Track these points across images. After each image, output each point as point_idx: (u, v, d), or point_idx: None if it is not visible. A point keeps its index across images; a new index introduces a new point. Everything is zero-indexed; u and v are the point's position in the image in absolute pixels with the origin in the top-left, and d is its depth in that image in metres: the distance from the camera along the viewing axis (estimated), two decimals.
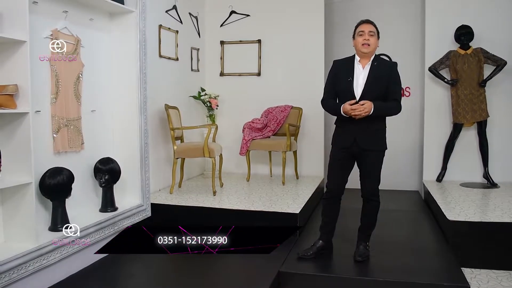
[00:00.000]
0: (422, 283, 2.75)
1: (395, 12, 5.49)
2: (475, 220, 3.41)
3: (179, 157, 4.41)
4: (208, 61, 5.76)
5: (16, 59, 2.49)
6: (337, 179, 3.11)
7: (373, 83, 2.94)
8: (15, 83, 2.49)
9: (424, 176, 5.23)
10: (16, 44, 2.48)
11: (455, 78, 4.77)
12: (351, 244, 3.22)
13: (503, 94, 4.83)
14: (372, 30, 2.98)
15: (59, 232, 2.82)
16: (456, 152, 5.00)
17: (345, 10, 5.85)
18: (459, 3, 4.96)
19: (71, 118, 3.13)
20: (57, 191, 2.81)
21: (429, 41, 5.10)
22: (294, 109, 5.36)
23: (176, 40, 4.88)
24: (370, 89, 2.93)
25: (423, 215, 4.44)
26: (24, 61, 2.49)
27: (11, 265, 2.36)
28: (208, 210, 3.87)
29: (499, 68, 4.61)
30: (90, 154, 3.35)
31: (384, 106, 2.94)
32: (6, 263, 2.33)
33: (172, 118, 4.40)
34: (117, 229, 3.35)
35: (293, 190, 4.62)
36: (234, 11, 5.64)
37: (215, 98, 5.40)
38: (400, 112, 3.06)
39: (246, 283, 2.82)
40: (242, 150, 5.13)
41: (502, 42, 4.76)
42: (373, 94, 2.91)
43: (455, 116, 4.80)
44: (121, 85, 3.58)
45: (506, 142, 4.88)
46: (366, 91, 2.93)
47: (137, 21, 3.55)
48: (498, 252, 3.28)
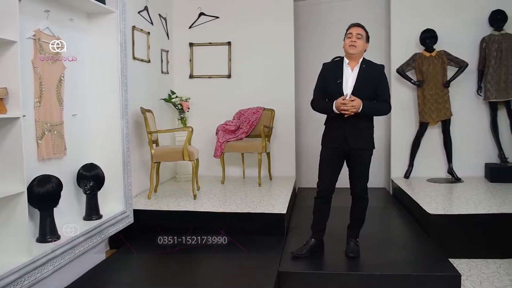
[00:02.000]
0: (417, 274, 2.87)
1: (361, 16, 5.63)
2: (453, 213, 3.61)
3: (157, 161, 4.32)
4: (177, 63, 5.68)
5: (5, 61, 2.34)
6: (328, 178, 3.16)
7: (362, 84, 3.02)
8: (4, 86, 2.34)
9: (392, 173, 5.45)
10: (5, 44, 2.33)
11: (421, 79, 5.01)
12: (341, 241, 3.30)
13: (464, 94, 5.14)
14: (360, 33, 3.05)
15: (48, 243, 2.68)
16: (421, 149, 5.25)
17: (311, 13, 5.99)
18: (422, 8, 5.22)
19: (55, 123, 2.97)
20: (46, 200, 2.67)
21: (395, 44, 5.33)
22: (267, 110, 5.40)
23: (148, 41, 4.78)
24: (359, 90, 3.00)
25: (395, 210, 4.61)
26: (14, 62, 2.35)
27: (7, 281, 2.21)
28: (193, 214, 3.82)
29: (462, 69, 4.90)
30: (73, 160, 3.21)
31: (373, 106, 3.03)
32: (2, 279, 2.18)
33: (148, 122, 4.29)
34: (104, 238, 3.24)
35: (271, 191, 4.65)
36: (203, 13, 5.60)
37: (186, 100, 5.33)
38: (389, 113, 3.17)
39: (250, 284, 2.80)
40: (216, 153, 5.10)
41: (463, 45, 5.06)
42: (362, 96, 2.98)
43: (422, 115, 5.04)
44: (102, 88, 3.45)
45: (468, 139, 5.18)
46: (355, 93, 2.99)
47: (118, 22, 3.44)
48: (476, 242, 3.50)
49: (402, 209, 4.62)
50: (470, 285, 2.97)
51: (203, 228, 3.76)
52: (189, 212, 3.84)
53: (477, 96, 5.12)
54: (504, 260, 3.40)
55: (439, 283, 2.82)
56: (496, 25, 4.87)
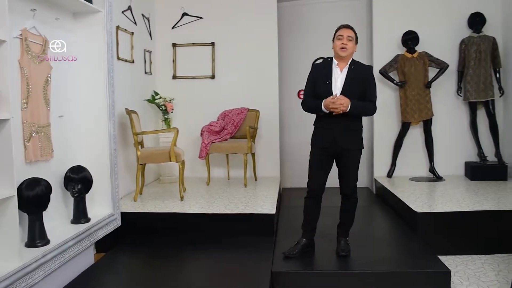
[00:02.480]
0: (408, 271, 2.93)
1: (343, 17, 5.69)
2: (439, 211, 3.69)
3: (143, 162, 4.26)
4: (160, 63, 5.62)
5: None
6: (318, 178, 3.18)
7: (351, 85, 3.05)
8: None
9: (375, 173, 5.53)
10: None
11: (403, 80, 5.10)
12: (331, 240, 3.33)
13: (444, 94, 5.27)
14: (351, 35, 3.08)
15: (38, 248, 2.61)
16: (404, 149, 5.35)
17: (293, 14, 6.02)
18: (403, 10, 5.33)
19: (42, 125, 2.90)
20: (35, 204, 2.59)
21: (377, 45, 5.41)
22: (251, 111, 5.40)
23: (132, 42, 4.71)
24: (348, 91, 3.03)
25: (379, 209, 4.69)
26: (4, 62, 2.28)
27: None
28: (182, 215, 3.78)
29: (443, 70, 5.02)
30: (60, 162, 3.13)
31: (361, 105, 3.05)
32: None
33: (134, 123, 4.23)
34: (93, 241, 3.18)
35: (258, 192, 4.66)
36: (186, 13, 5.56)
37: (170, 101, 5.28)
38: (375, 113, 3.21)
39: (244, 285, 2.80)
40: (201, 154, 5.07)
41: (443, 46, 5.18)
42: (351, 96, 3.01)
43: (404, 115, 5.14)
44: (88, 89, 3.39)
45: (448, 139, 5.31)
46: (344, 93, 3.02)
47: (105, 22, 3.38)
48: (461, 239, 3.59)
49: (386, 207, 4.70)
50: (458, 281, 3.04)
51: (193, 230, 3.74)
52: (178, 214, 3.80)
53: (457, 97, 5.25)
54: (488, 256, 3.50)
55: (429, 279, 2.89)
56: (474, 27, 5.01)
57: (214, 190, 4.78)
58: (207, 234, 3.70)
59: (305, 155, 5.88)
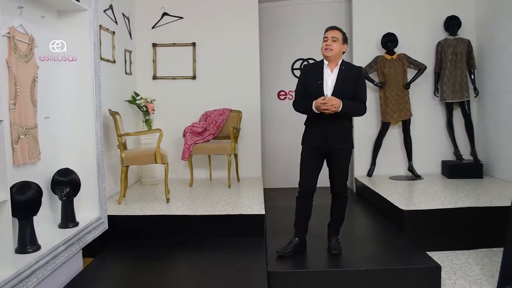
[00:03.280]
0: (399, 268, 2.99)
1: (323, 19, 5.78)
2: (424, 208, 3.79)
3: (128, 164, 4.18)
4: (140, 64, 5.53)
5: None
6: (309, 177, 3.21)
7: (341, 85, 3.09)
8: None
9: (355, 172, 5.62)
10: None
11: (383, 81, 5.21)
12: (322, 238, 3.37)
13: (422, 95, 5.41)
14: (335, 36, 3.11)
15: (29, 254, 2.52)
16: (383, 148, 5.46)
17: (274, 15, 6.06)
18: (383, 13, 5.45)
19: (29, 126, 2.80)
20: (27, 208, 2.51)
21: (356, 46, 5.51)
22: (233, 112, 5.39)
23: (113, 41, 4.62)
24: (339, 91, 3.07)
25: (361, 207, 4.79)
26: None
27: None
28: (171, 218, 3.73)
29: (421, 72, 5.17)
30: (47, 165, 3.03)
31: (352, 105, 3.10)
32: None
33: (118, 124, 4.15)
34: (82, 246, 3.10)
35: (243, 193, 4.65)
36: (166, 13, 5.50)
37: (151, 102, 5.20)
38: (365, 113, 3.27)
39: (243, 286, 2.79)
40: (184, 155, 5.02)
41: (420, 48, 5.33)
42: (342, 96, 3.05)
43: (384, 115, 5.25)
44: (74, 89, 3.29)
45: (425, 138, 5.46)
46: (335, 94, 3.06)
47: (91, 21, 3.30)
48: (445, 235, 3.70)
49: (368, 206, 4.79)
50: (446, 276, 3.13)
51: (182, 232, 3.70)
52: (167, 216, 3.75)
53: (434, 97, 5.41)
54: (471, 251, 3.63)
55: (420, 275, 2.96)
56: (450, 30, 5.17)
57: (198, 192, 4.74)
58: (197, 236, 3.67)
59: (285, 156, 6.03)
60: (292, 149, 5.18)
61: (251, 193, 4.61)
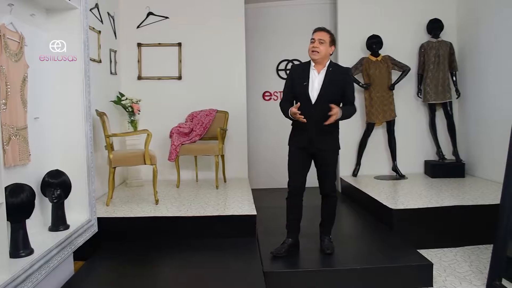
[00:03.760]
0: (392, 266, 3.06)
1: (308, 20, 5.82)
2: (412, 207, 3.86)
3: (116, 165, 4.12)
4: (124, 64, 5.46)
5: None
6: (298, 177, 3.22)
7: (328, 87, 3.10)
8: None
9: (341, 172, 5.68)
10: None
11: (368, 82, 5.29)
12: (314, 238, 3.40)
13: (405, 96, 5.52)
14: (323, 38, 3.12)
15: (21, 258, 2.45)
16: (368, 148, 5.54)
17: (259, 16, 6.07)
18: (367, 15, 5.53)
19: (20, 127, 2.72)
20: (20, 211, 2.44)
21: (342, 48, 5.57)
22: (220, 112, 5.37)
23: (99, 41, 4.54)
24: (325, 93, 3.08)
25: (347, 206, 4.85)
26: None
27: None
28: (162, 219, 3.70)
29: (405, 73, 5.27)
30: (37, 167, 2.96)
31: (347, 110, 3.14)
32: None
33: (106, 125, 4.08)
34: (74, 249, 3.03)
35: (232, 193, 4.63)
36: (151, 13, 5.44)
37: (137, 102, 5.13)
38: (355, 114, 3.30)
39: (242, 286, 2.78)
40: (171, 156, 4.98)
41: (404, 50, 5.43)
42: (328, 98, 3.07)
43: (369, 116, 5.33)
44: (64, 90, 3.22)
45: (408, 138, 5.56)
46: (322, 95, 3.08)
47: (81, 20, 3.24)
48: (433, 233, 3.78)
49: (354, 205, 4.86)
50: (436, 273, 3.19)
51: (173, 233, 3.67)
52: (159, 217, 3.71)
53: (417, 98, 5.52)
54: (458, 248, 3.71)
55: (413, 272, 3.03)
56: (433, 33, 5.29)
57: (186, 193, 4.71)
58: (188, 237, 3.65)
59: (270, 157, 6.05)
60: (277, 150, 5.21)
61: (239, 193, 4.60)
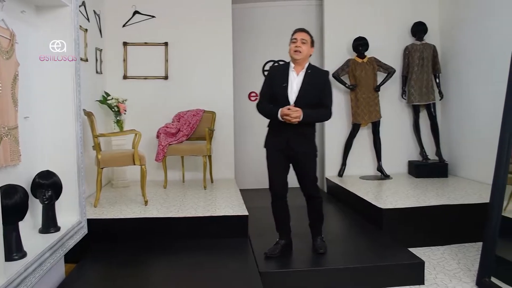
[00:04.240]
0: (385, 264, 3.10)
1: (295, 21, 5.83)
2: (400, 206, 3.93)
3: (104, 166, 4.05)
4: (110, 63, 5.38)
5: None
6: (279, 180, 3.22)
7: (306, 89, 3.10)
8: None
9: (326, 172, 5.74)
10: None
11: (354, 83, 5.36)
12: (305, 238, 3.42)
13: (390, 98, 5.61)
14: (305, 38, 3.12)
15: (15, 261, 2.39)
16: (353, 149, 5.61)
17: (245, 16, 6.07)
18: (353, 17, 5.61)
19: (11, 127, 2.65)
20: (14, 213, 2.37)
21: (328, 49, 5.63)
22: (207, 113, 5.35)
23: (86, 39, 4.46)
24: (304, 95, 3.08)
25: (334, 206, 4.90)
26: None
27: None
28: (154, 220, 3.66)
29: (390, 75, 5.36)
30: (27, 167, 2.88)
31: (314, 113, 3.10)
32: None
33: (94, 125, 4.01)
34: (65, 251, 2.97)
35: (220, 194, 4.62)
36: (137, 12, 5.38)
37: (123, 102, 5.07)
38: (330, 118, 3.29)
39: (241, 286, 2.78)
40: (158, 156, 4.93)
41: (389, 52, 5.52)
42: (307, 100, 3.07)
43: (355, 117, 5.40)
44: (54, 89, 3.14)
45: (393, 139, 5.65)
46: (300, 97, 3.08)
47: (72, 17, 3.17)
48: (421, 232, 3.85)
49: (340, 205, 4.92)
50: (426, 271, 3.23)
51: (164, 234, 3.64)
52: (149, 219, 3.67)
53: (401, 100, 5.62)
54: (445, 247, 3.80)
55: (405, 271, 3.09)
56: (417, 36, 5.39)
57: (174, 193, 4.67)
58: (180, 238, 3.62)
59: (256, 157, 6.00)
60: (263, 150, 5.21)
61: (228, 194, 4.59)
